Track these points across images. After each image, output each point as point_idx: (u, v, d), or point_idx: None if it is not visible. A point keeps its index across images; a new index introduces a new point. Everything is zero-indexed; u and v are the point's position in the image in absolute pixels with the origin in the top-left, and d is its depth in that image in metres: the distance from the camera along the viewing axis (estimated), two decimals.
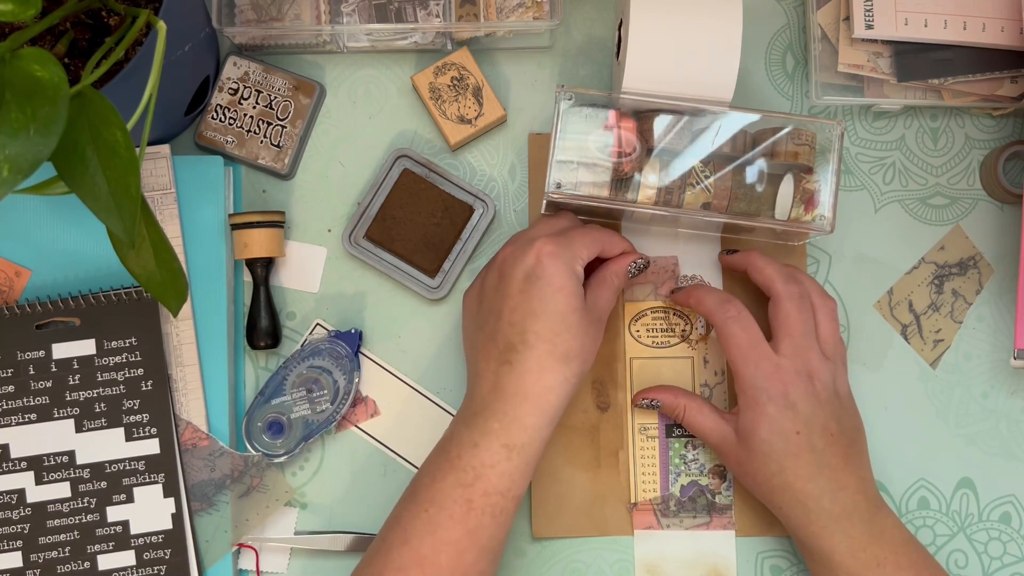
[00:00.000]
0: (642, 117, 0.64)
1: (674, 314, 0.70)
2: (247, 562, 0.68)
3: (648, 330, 0.70)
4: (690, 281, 0.70)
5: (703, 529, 0.69)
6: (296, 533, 0.69)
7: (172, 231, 0.68)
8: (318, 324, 0.70)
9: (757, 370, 0.61)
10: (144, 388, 0.67)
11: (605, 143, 0.64)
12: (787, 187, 0.63)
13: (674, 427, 0.69)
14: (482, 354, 0.62)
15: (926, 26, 0.68)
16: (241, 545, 0.68)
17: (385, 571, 0.58)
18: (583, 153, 0.63)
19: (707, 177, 0.63)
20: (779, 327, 0.63)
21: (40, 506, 0.65)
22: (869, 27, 0.68)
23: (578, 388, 0.62)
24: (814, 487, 0.61)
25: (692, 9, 0.63)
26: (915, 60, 0.69)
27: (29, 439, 0.66)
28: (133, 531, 0.66)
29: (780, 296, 0.63)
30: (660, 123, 0.64)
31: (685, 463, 0.69)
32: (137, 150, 0.50)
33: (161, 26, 0.53)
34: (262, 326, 0.69)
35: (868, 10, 0.68)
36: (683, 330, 0.70)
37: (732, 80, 0.64)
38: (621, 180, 0.64)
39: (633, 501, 0.69)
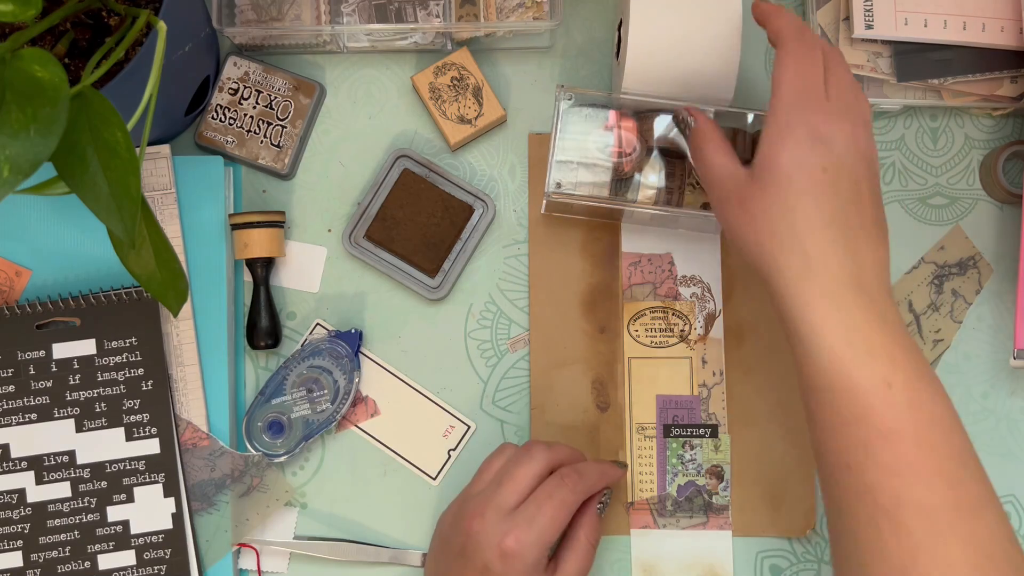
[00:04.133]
0: (642, 117, 0.64)
1: (673, 314, 0.70)
2: (248, 562, 0.68)
3: (647, 330, 0.70)
4: (689, 281, 0.70)
5: (700, 529, 0.69)
6: (296, 535, 0.69)
7: (172, 231, 0.68)
8: (318, 324, 0.71)
9: (803, 94, 0.53)
10: (144, 388, 0.67)
11: (605, 143, 0.64)
12: None
13: (672, 427, 0.69)
14: None
15: (926, 26, 0.68)
16: (242, 545, 0.68)
17: None
18: (583, 153, 0.63)
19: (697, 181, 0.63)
20: (831, 69, 0.55)
21: (40, 506, 0.65)
22: (869, 27, 0.68)
23: None
24: (823, 238, 0.51)
25: (691, 9, 0.63)
26: (915, 60, 0.69)
27: (29, 439, 0.66)
28: (133, 531, 0.66)
29: (787, 47, 0.55)
30: (660, 123, 0.64)
31: (682, 463, 0.69)
32: (137, 150, 0.50)
33: (161, 26, 0.53)
34: (262, 326, 0.69)
35: (868, 10, 0.68)
36: (682, 330, 0.70)
37: (732, 79, 0.64)
38: (621, 180, 0.64)
39: (630, 500, 0.69)
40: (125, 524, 0.66)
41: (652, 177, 0.63)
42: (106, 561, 0.66)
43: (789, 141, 0.52)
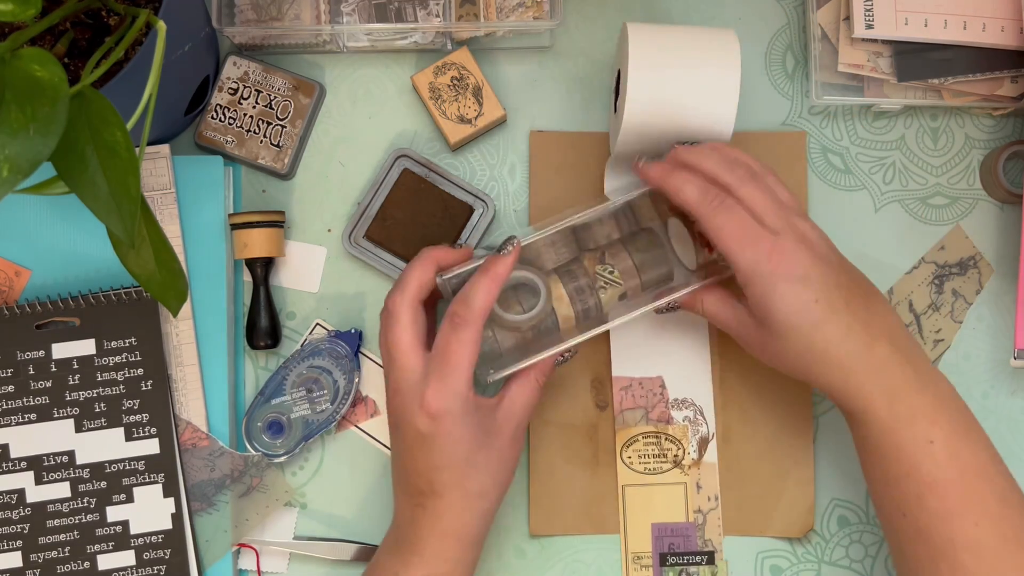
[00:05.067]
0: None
1: (666, 439, 0.69)
2: (247, 562, 0.68)
3: (640, 456, 0.69)
4: (681, 404, 0.69)
5: None
6: (296, 535, 0.69)
7: (172, 231, 0.68)
8: (318, 324, 0.70)
9: (756, 252, 0.57)
10: (144, 388, 0.67)
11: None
12: (676, 230, 0.64)
13: (668, 555, 0.68)
14: (398, 487, 0.61)
15: (926, 26, 0.68)
16: (242, 545, 0.68)
17: None
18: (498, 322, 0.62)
19: (609, 271, 0.63)
20: (752, 210, 0.58)
21: (40, 506, 0.65)
22: (869, 27, 0.68)
23: (500, 504, 0.61)
24: (847, 346, 0.57)
25: (690, 61, 0.62)
26: (915, 60, 0.69)
27: (29, 439, 0.66)
28: (133, 531, 0.66)
29: (733, 184, 0.59)
30: (539, 249, 0.63)
31: None
32: (137, 150, 0.50)
33: (161, 26, 0.53)
34: (262, 326, 0.69)
35: (868, 10, 0.68)
36: (675, 455, 0.69)
37: (731, 121, 0.62)
38: (538, 328, 0.63)
39: None
40: (125, 524, 0.66)
41: (563, 308, 0.62)
42: (106, 561, 0.66)
43: (775, 300, 0.57)
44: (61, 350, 0.66)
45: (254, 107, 0.70)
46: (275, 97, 0.71)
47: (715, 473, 0.69)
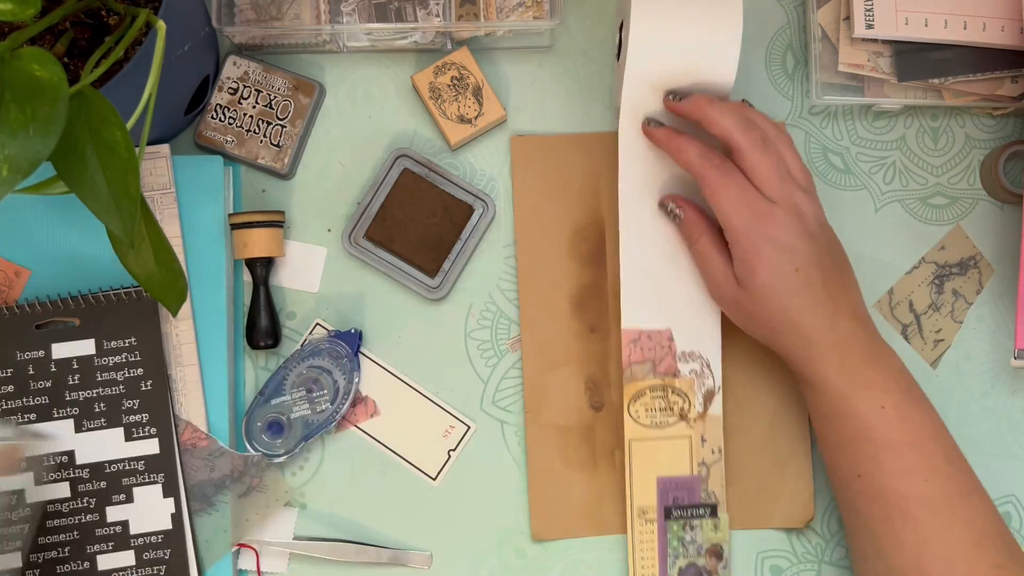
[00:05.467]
0: None
1: (673, 392, 0.68)
2: (247, 562, 0.68)
3: (647, 410, 0.68)
4: (688, 357, 0.68)
5: None
6: (296, 535, 0.69)
7: (171, 231, 0.68)
8: (318, 324, 0.70)
9: (750, 215, 0.60)
10: (144, 388, 0.66)
11: None
12: None
13: (672, 508, 0.68)
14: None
15: (926, 26, 0.68)
16: (241, 545, 0.68)
17: None
18: None
19: None
20: (753, 177, 0.61)
21: (40, 506, 0.65)
22: (869, 27, 0.68)
23: None
24: (814, 319, 0.61)
25: (693, 8, 0.63)
26: (915, 60, 0.69)
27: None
28: (132, 531, 0.66)
29: (743, 147, 0.61)
30: None
31: (683, 545, 0.68)
32: (136, 150, 0.50)
33: (161, 26, 0.53)
34: (262, 326, 0.69)
35: (868, 10, 0.68)
36: (682, 408, 0.68)
37: (733, 70, 0.63)
38: None
39: None
40: (124, 524, 0.66)
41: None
42: (105, 562, 0.66)
43: (759, 262, 0.61)
44: (61, 350, 0.66)
45: (254, 107, 0.70)
46: (275, 97, 0.71)
47: (719, 426, 0.68)
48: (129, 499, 0.66)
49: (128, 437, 0.66)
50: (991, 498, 0.61)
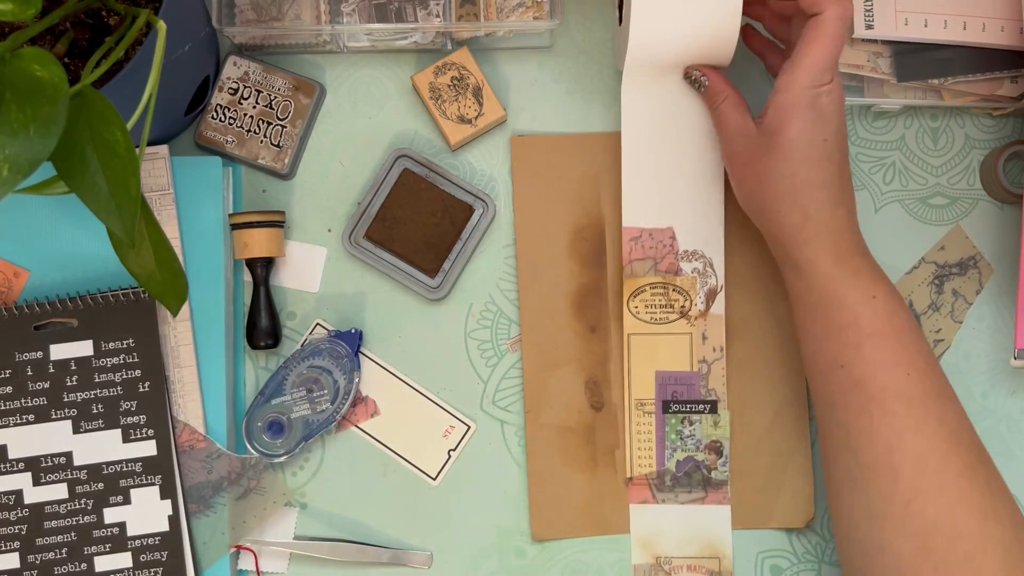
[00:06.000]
0: None
1: (673, 290, 0.69)
2: (247, 562, 0.68)
3: (647, 306, 0.69)
4: (691, 256, 0.68)
5: (698, 504, 0.69)
6: (296, 535, 0.69)
7: (170, 232, 0.68)
8: (318, 324, 0.70)
9: (818, 74, 0.59)
10: (142, 389, 0.66)
11: None
12: None
13: (671, 403, 0.69)
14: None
15: (926, 26, 0.68)
16: (239, 547, 0.68)
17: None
18: None
19: None
20: (825, 46, 0.59)
21: (38, 507, 0.65)
22: (869, 27, 0.68)
23: None
24: (819, 194, 0.60)
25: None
26: (915, 60, 0.69)
27: (27, 440, 0.65)
28: (130, 533, 0.66)
29: (834, 17, 0.59)
30: None
31: (681, 439, 0.69)
32: (137, 150, 0.50)
33: (161, 26, 0.53)
34: (262, 326, 0.69)
35: (868, 10, 0.68)
36: (682, 306, 0.69)
37: (733, 41, 0.64)
38: None
39: (629, 475, 0.69)
40: (122, 526, 0.66)
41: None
42: (103, 563, 0.65)
43: (798, 115, 0.60)
44: (59, 351, 0.66)
45: (254, 107, 0.70)
46: (275, 97, 0.70)
47: (721, 324, 0.69)
48: (127, 500, 0.66)
49: (126, 438, 0.66)
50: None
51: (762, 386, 0.70)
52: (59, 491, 0.66)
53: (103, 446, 0.66)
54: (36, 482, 0.65)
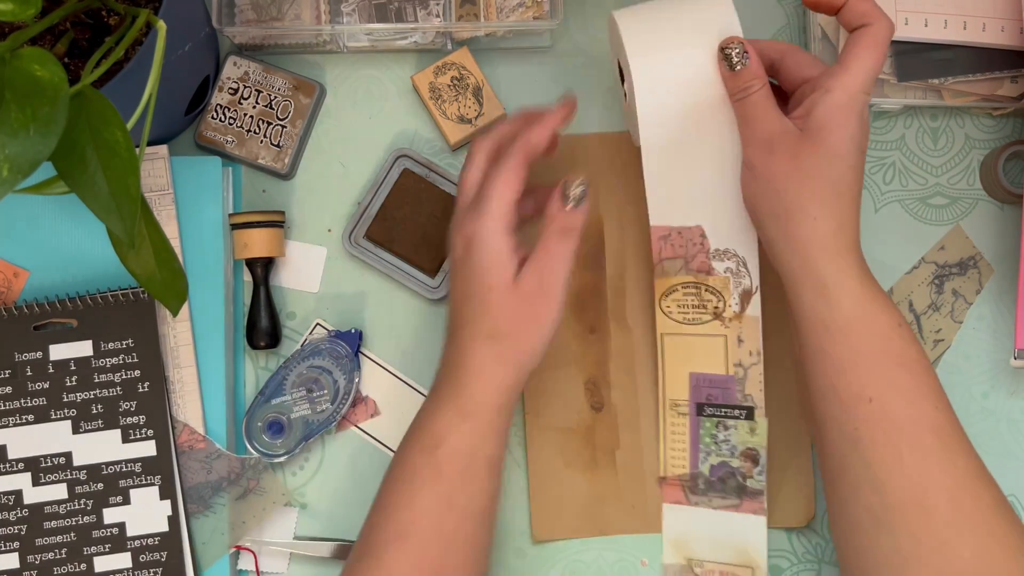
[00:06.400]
0: None
1: (706, 290, 0.66)
2: (247, 562, 0.68)
3: (679, 306, 0.67)
4: (723, 255, 0.65)
5: (732, 511, 0.67)
6: (296, 535, 0.69)
7: (170, 232, 0.68)
8: (318, 324, 0.70)
9: (870, 82, 0.58)
10: (141, 390, 0.66)
11: None
12: None
13: (705, 406, 0.67)
14: (447, 327, 0.63)
15: (926, 26, 0.68)
16: (239, 548, 0.68)
17: (374, 547, 0.59)
18: None
19: None
20: (877, 56, 0.58)
21: (37, 507, 0.65)
22: None
23: (525, 363, 0.60)
24: (852, 206, 0.58)
25: (688, 34, 0.61)
26: (915, 60, 0.69)
27: (26, 440, 0.65)
28: (129, 533, 0.66)
29: (885, 29, 0.58)
30: None
31: (716, 443, 0.67)
32: (137, 150, 0.50)
33: (161, 26, 0.53)
34: (262, 326, 0.69)
35: None
36: (715, 307, 0.66)
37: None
38: None
39: (662, 475, 0.68)
40: (121, 526, 0.66)
41: None
42: (102, 563, 0.65)
43: (851, 121, 0.57)
44: (58, 351, 0.66)
45: (254, 107, 0.70)
46: (275, 97, 0.70)
47: (758, 327, 0.66)
48: (126, 501, 0.66)
49: (125, 439, 0.66)
50: None
51: (766, 384, 0.69)
52: (59, 491, 0.65)
53: (103, 446, 0.66)
54: (36, 482, 0.65)
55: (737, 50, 0.60)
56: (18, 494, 0.65)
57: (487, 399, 0.59)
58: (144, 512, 0.66)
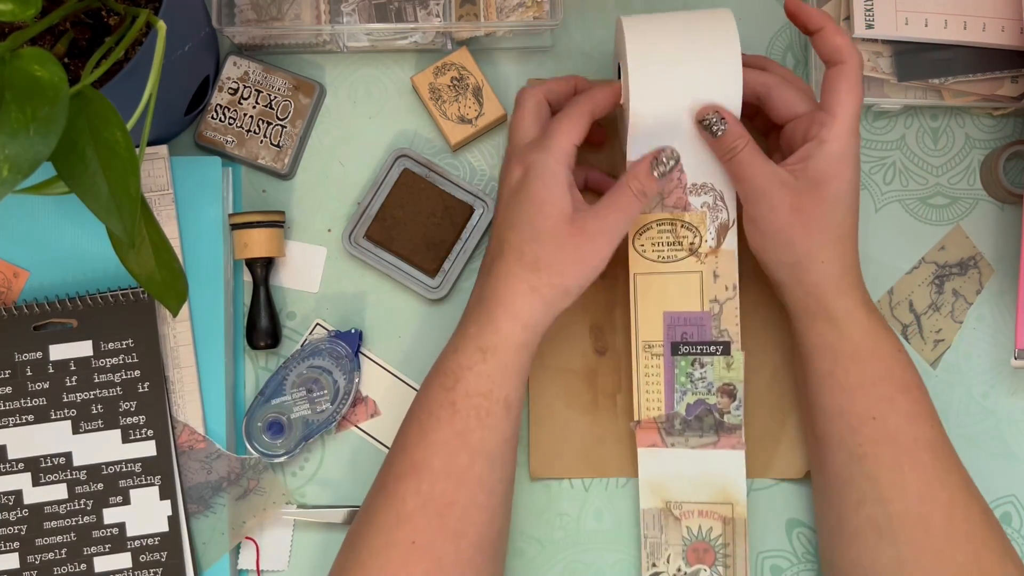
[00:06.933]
0: None
1: (682, 226, 0.65)
2: (247, 562, 0.68)
3: (653, 244, 0.66)
4: (700, 190, 0.65)
5: (710, 449, 0.66)
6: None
7: (170, 232, 0.68)
8: (318, 324, 0.70)
9: (856, 122, 0.60)
10: (141, 390, 0.66)
11: None
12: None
13: (680, 345, 0.66)
14: (482, 263, 0.65)
15: (926, 26, 0.68)
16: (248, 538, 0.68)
17: (387, 480, 0.60)
18: None
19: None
20: (857, 94, 0.60)
21: (37, 507, 0.65)
22: (869, 27, 0.68)
23: (557, 301, 0.61)
24: (853, 245, 0.62)
25: (689, 48, 0.61)
26: (915, 60, 0.69)
27: (26, 440, 0.65)
28: (129, 533, 0.66)
29: (857, 65, 0.60)
30: None
31: (691, 381, 0.66)
32: (137, 150, 0.50)
33: (161, 26, 0.53)
34: (262, 326, 0.69)
35: (868, 10, 0.68)
36: (691, 243, 0.65)
37: (738, 102, 0.62)
38: None
39: (636, 419, 0.67)
40: (121, 527, 0.66)
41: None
42: (102, 564, 0.65)
43: (850, 165, 0.60)
44: (58, 351, 0.66)
45: (254, 107, 0.70)
46: (275, 97, 0.70)
47: (734, 261, 0.65)
48: (126, 501, 0.66)
49: (125, 439, 0.66)
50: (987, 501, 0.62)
51: (766, 339, 0.69)
52: (59, 491, 0.65)
53: (103, 446, 0.66)
54: (36, 482, 0.65)
55: (714, 118, 0.62)
56: (18, 494, 0.65)
57: (510, 335, 0.60)
58: (144, 512, 0.66)
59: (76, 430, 0.66)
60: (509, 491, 0.62)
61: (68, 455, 0.66)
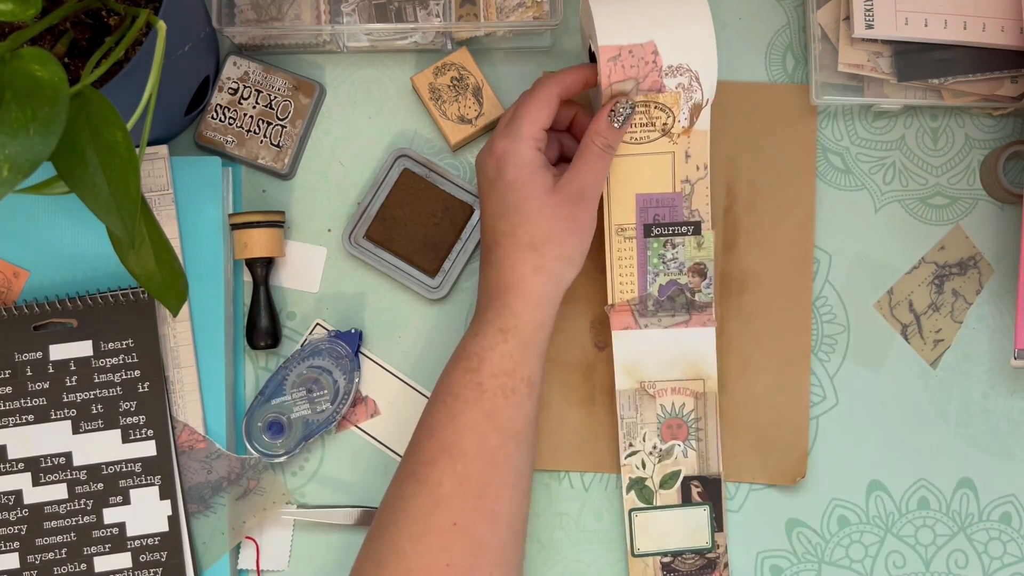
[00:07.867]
0: None
1: (655, 107, 0.64)
2: (247, 562, 0.68)
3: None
4: (675, 71, 0.63)
5: (682, 327, 0.67)
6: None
7: (170, 232, 0.68)
8: (318, 324, 0.70)
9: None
10: (141, 390, 0.66)
11: None
12: None
13: (652, 227, 0.66)
14: (481, 258, 0.65)
15: (926, 26, 0.68)
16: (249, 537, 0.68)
17: (417, 466, 0.60)
18: None
19: None
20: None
21: (37, 507, 0.65)
22: (869, 27, 0.68)
23: (564, 272, 0.62)
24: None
25: (659, 22, 0.62)
26: (915, 60, 0.69)
27: (26, 440, 0.65)
28: (129, 533, 0.66)
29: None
30: None
31: (664, 263, 0.67)
32: (137, 150, 0.50)
33: (161, 26, 0.53)
34: (262, 326, 0.69)
35: (868, 10, 0.68)
36: (664, 123, 0.65)
37: (713, 82, 0.62)
38: None
39: (610, 303, 0.67)
40: (121, 526, 0.66)
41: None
42: (102, 563, 0.65)
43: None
44: (58, 351, 0.66)
45: (254, 107, 0.70)
46: (275, 97, 0.70)
47: (706, 140, 0.65)
48: (126, 501, 0.66)
49: (125, 439, 0.66)
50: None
51: (768, 341, 0.70)
52: (59, 491, 0.65)
53: (103, 446, 0.66)
54: (36, 482, 0.65)
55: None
56: (18, 494, 0.65)
57: (527, 315, 0.61)
58: (144, 512, 0.66)
59: (76, 430, 0.66)
60: (531, 474, 0.63)
61: (68, 455, 0.66)
